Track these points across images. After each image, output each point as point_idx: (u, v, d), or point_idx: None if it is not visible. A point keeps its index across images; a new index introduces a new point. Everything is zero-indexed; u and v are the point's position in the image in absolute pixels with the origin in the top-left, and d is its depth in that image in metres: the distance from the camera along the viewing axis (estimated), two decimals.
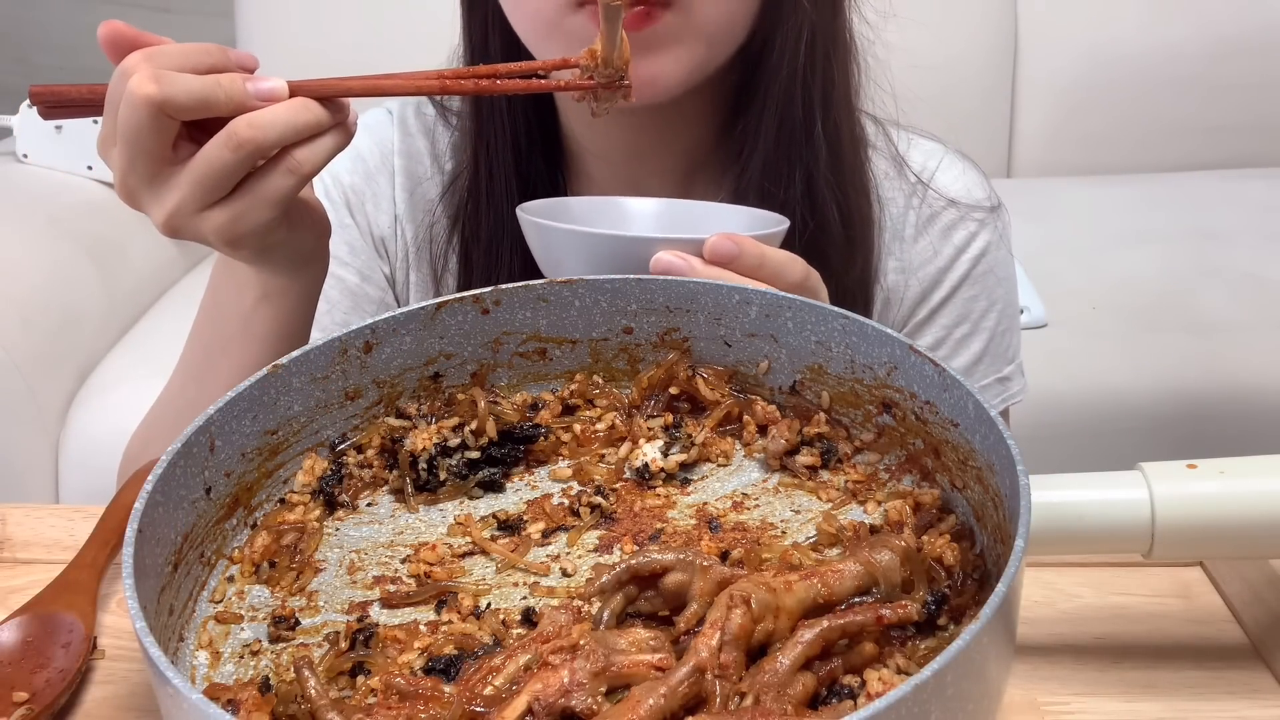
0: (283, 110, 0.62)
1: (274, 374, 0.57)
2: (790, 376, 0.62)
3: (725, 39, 0.80)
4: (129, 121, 0.61)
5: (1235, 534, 0.52)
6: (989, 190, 0.95)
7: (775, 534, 0.55)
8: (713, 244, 0.65)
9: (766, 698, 0.42)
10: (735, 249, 0.65)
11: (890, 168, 0.92)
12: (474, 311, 0.63)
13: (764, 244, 0.67)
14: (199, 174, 0.62)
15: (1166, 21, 2.16)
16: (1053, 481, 0.52)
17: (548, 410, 0.63)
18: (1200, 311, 1.74)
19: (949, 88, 2.07)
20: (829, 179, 0.84)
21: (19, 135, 1.84)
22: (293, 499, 0.58)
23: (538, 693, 0.42)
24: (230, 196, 0.64)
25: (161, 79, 0.60)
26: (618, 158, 0.90)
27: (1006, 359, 0.95)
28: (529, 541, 0.56)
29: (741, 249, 0.65)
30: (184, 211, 0.64)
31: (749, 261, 0.66)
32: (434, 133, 0.96)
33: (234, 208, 0.64)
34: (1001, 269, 0.94)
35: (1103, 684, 0.55)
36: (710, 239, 0.65)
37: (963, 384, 0.51)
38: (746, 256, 0.65)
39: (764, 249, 0.66)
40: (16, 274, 1.64)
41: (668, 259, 0.65)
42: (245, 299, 0.75)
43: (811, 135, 0.83)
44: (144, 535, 0.46)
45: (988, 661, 0.40)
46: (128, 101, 0.61)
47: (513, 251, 0.87)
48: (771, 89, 0.82)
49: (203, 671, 0.49)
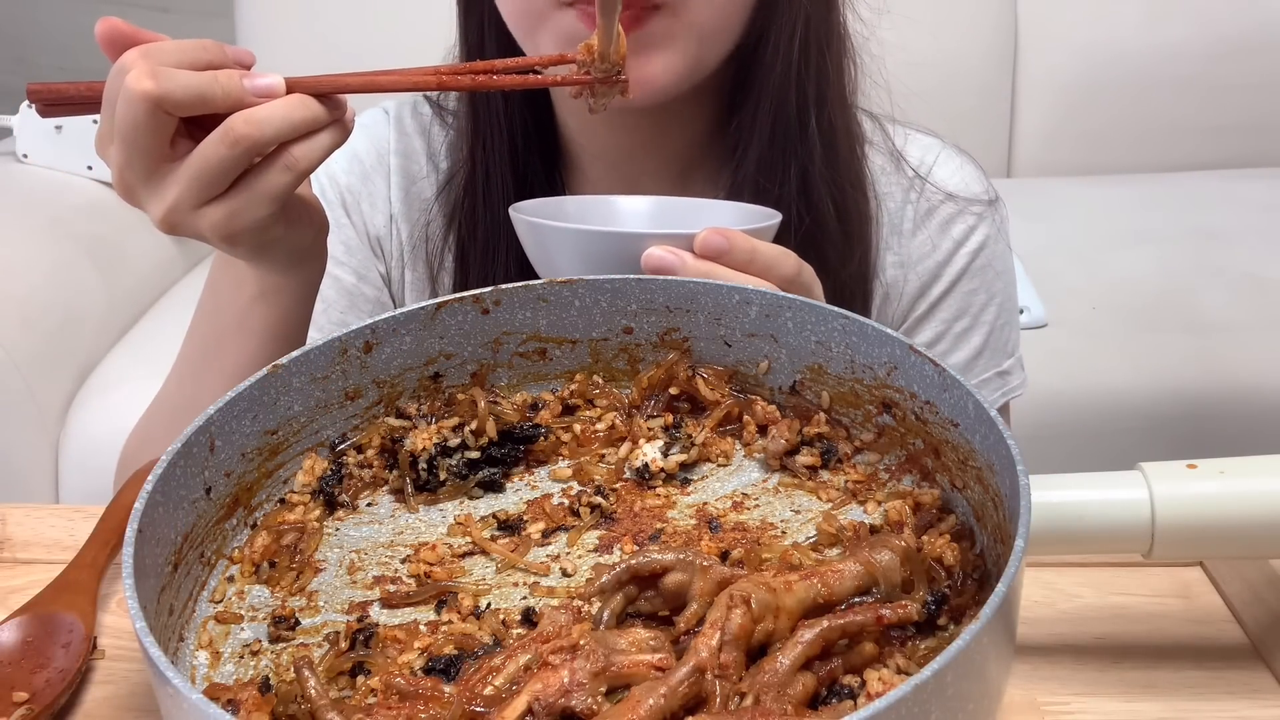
0: (280, 106, 0.62)
1: (274, 374, 0.57)
2: (790, 376, 0.62)
3: (718, 39, 0.80)
4: (126, 118, 0.61)
5: (1235, 534, 0.52)
6: (986, 184, 0.95)
7: (775, 534, 0.55)
8: (703, 239, 0.66)
9: (766, 698, 0.42)
10: (725, 243, 0.65)
11: (888, 163, 0.92)
12: (474, 311, 0.63)
13: (756, 238, 0.67)
14: (196, 170, 0.62)
15: (1166, 21, 2.16)
16: (1053, 481, 0.52)
17: (548, 410, 0.63)
18: (1200, 311, 1.74)
19: (948, 87, 2.07)
20: (824, 174, 0.85)
21: (19, 135, 1.84)
22: (293, 499, 0.58)
23: (538, 693, 0.42)
24: (227, 193, 0.64)
25: (159, 75, 0.60)
26: (614, 156, 0.90)
27: (1006, 352, 0.95)
28: (529, 541, 0.56)
29: (732, 243, 0.66)
30: (181, 208, 0.64)
31: (740, 256, 0.66)
32: (430, 132, 0.96)
33: (231, 204, 0.64)
34: (1000, 262, 0.94)
35: (1103, 684, 0.55)
36: (701, 234, 0.66)
37: (963, 384, 0.51)
38: (737, 251, 0.66)
39: (755, 243, 0.67)
40: (16, 274, 1.64)
41: (659, 254, 0.66)
42: (242, 295, 0.75)
43: (806, 131, 0.83)
44: (144, 535, 0.46)
45: (988, 661, 0.40)
46: (125, 98, 0.60)
47: (509, 251, 0.87)
48: (766, 85, 0.82)
49: (203, 671, 0.49)
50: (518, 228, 0.73)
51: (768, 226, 0.72)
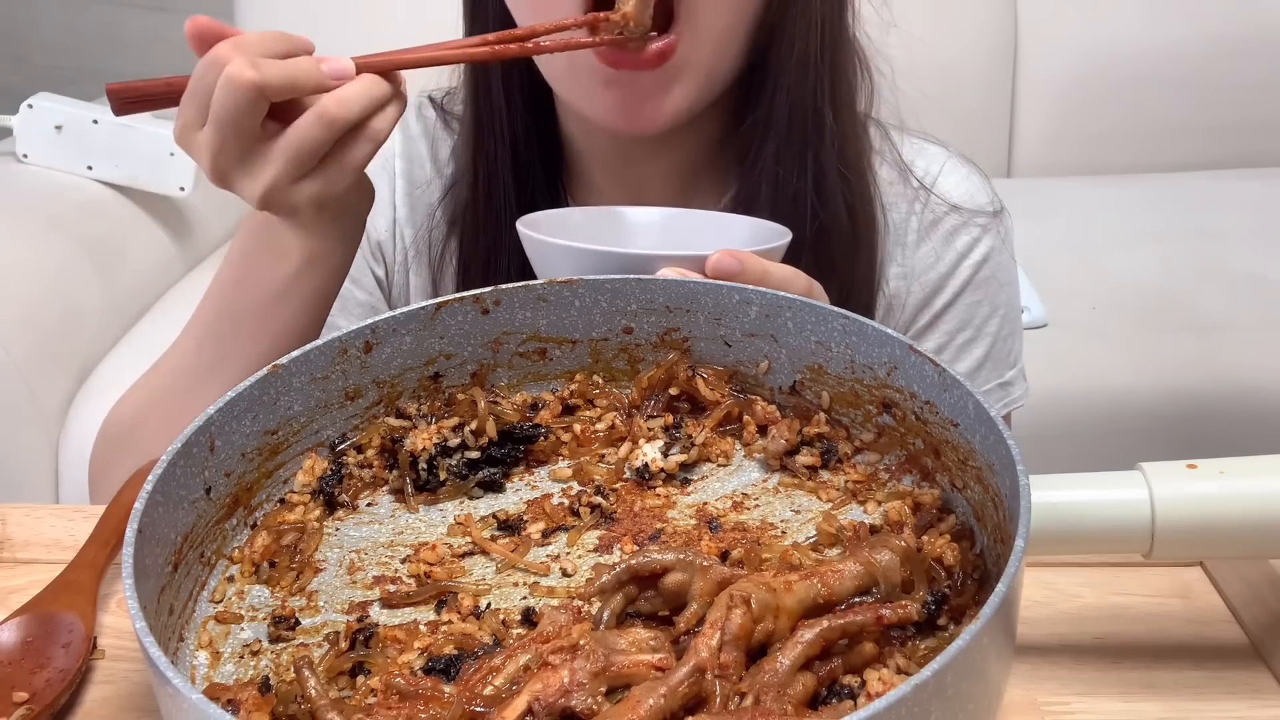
0: (360, 86, 0.70)
1: (274, 374, 0.57)
2: (790, 376, 0.62)
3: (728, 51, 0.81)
4: (227, 104, 0.67)
5: (1235, 534, 0.52)
6: (992, 195, 0.94)
7: (775, 534, 0.55)
8: (715, 261, 0.65)
9: (766, 698, 0.42)
10: (738, 265, 0.65)
11: (893, 174, 0.92)
12: (474, 311, 0.63)
13: (767, 258, 0.67)
14: (294, 150, 0.69)
15: (1166, 22, 2.16)
16: (1053, 481, 0.52)
17: (548, 410, 0.63)
18: (1200, 311, 1.74)
19: (949, 88, 2.06)
20: (838, 170, 0.85)
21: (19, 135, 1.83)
22: (293, 499, 0.58)
23: (538, 693, 0.42)
24: (319, 167, 0.71)
25: (259, 65, 0.67)
26: (617, 163, 0.90)
27: (1008, 364, 0.95)
28: (529, 541, 0.56)
29: (744, 266, 0.65)
30: (280, 185, 0.70)
31: (752, 278, 0.65)
32: (435, 136, 0.96)
33: (324, 176, 0.71)
34: (1004, 274, 0.93)
35: (1103, 684, 0.55)
36: (713, 257, 0.65)
37: (963, 384, 0.51)
38: (749, 273, 0.65)
39: (767, 265, 0.66)
40: (16, 274, 1.64)
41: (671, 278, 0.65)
42: (286, 265, 0.76)
43: (822, 124, 0.83)
44: (144, 535, 0.46)
45: (988, 661, 0.40)
46: (228, 87, 0.66)
47: (511, 258, 0.87)
48: (781, 78, 0.82)
49: (203, 671, 0.49)
50: (525, 244, 0.73)
51: (778, 247, 0.71)
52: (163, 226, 1.93)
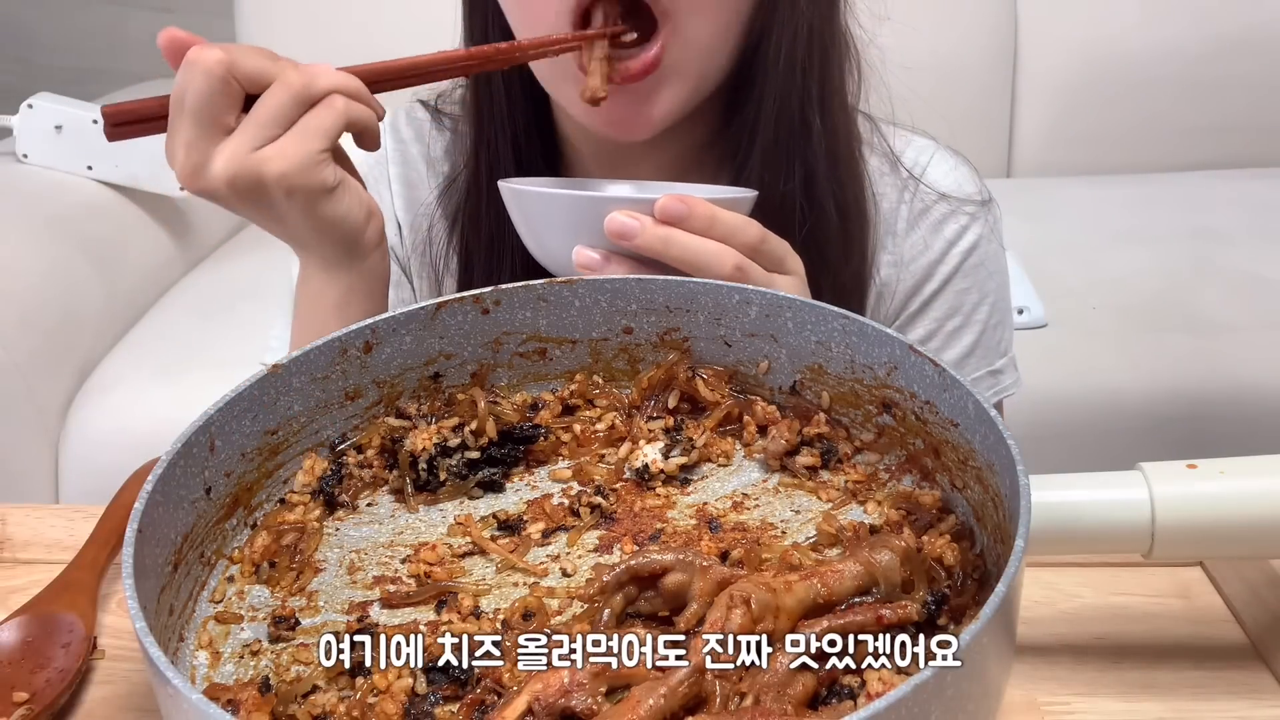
0: (330, 70, 0.69)
1: (274, 374, 0.57)
2: (790, 376, 0.62)
3: (717, 54, 0.81)
4: (200, 89, 0.66)
5: (1235, 534, 0.52)
6: (980, 184, 0.95)
7: (775, 534, 0.55)
8: (662, 204, 0.67)
9: (766, 698, 0.42)
10: (685, 209, 0.67)
11: (883, 164, 0.92)
12: (474, 311, 0.63)
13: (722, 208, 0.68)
14: (255, 115, 0.67)
15: (1165, 21, 2.16)
16: (1053, 481, 0.52)
17: (548, 410, 0.63)
18: (1200, 311, 1.74)
19: (948, 87, 2.07)
20: (827, 172, 0.85)
21: (19, 135, 1.83)
22: (293, 499, 0.58)
23: (538, 693, 0.42)
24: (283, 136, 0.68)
25: (229, 49, 0.67)
26: (613, 160, 0.91)
27: (999, 352, 0.96)
28: (529, 541, 0.56)
29: (691, 210, 0.67)
30: (241, 152, 0.67)
31: (699, 223, 0.67)
32: (428, 136, 0.96)
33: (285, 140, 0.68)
34: (993, 262, 0.94)
35: (1103, 684, 0.55)
36: (660, 200, 0.67)
37: (963, 384, 0.51)
38: (696, 217, 0.67)
39: (715, 210, 0.68)
40: (16, 274, 1.64)
41: (620, 219, 0.67)
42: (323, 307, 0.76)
43: (810, 128, 0.84)
44: (144, 535, 0.46)
45: (988, 661, 0.40)
46: (199, 71, 0.66)
47: (513, 250, 0.87)
48: (770, 81, 0.83)
49: (203, 671, 0.49)
50: (505, 199, 0.75)
51: (737, 199, 0.73)
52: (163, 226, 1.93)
